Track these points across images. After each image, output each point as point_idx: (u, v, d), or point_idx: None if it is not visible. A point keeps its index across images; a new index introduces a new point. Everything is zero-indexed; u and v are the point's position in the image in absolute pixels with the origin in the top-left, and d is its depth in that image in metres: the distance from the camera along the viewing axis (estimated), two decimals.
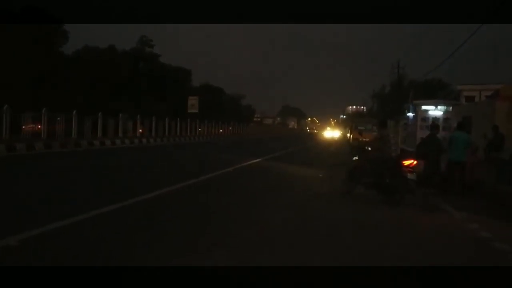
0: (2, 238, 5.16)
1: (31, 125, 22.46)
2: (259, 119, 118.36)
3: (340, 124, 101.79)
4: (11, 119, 20.91)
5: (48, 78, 28.30)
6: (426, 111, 14.44)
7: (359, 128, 32.11)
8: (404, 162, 9.58)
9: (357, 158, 10.35)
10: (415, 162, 9.63)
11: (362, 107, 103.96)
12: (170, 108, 46.29)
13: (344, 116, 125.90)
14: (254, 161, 18.21)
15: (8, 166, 13.96)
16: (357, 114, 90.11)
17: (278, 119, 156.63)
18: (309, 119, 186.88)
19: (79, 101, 30.04)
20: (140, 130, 35.14)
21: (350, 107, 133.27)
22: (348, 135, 43.98)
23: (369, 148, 10.42)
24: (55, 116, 24.35)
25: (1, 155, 16.45)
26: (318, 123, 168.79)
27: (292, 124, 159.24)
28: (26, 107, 22.71)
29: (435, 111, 14.39)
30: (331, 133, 69.66)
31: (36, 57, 26.69)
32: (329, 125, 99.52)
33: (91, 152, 20.62)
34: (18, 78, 25.37)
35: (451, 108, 14.58)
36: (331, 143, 45.08)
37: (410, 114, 15.71)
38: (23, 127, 21.91)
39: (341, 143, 43.30)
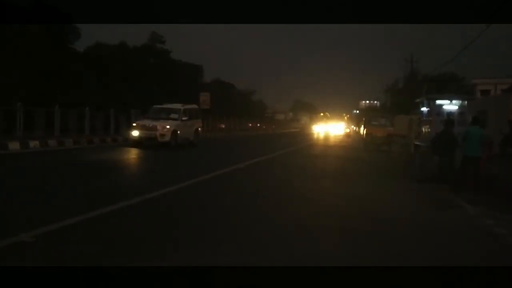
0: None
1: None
2: (270, 115, 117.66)
3: (353, 119, 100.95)
4: (25, 115, 21.16)
5: (59, 74, 28.43)
6: (441, 105, 14.13)
7: (372, 123, 31.74)
8: None
9: None
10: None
11: (375, 102, 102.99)
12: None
13: (357, 111, 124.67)
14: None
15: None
16: (370, 109, 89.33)
17: (290, 114, 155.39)
18: (321, 114, 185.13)
19: (90, 96, 30.15)
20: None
21: (363, 102, 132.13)
22: (362, 130, 43.64)
23: None
24: (67, 112, 24.58)
25: (15, 152, 16.60)
26: (329, 117, 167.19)
27: (304, 119, 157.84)
28: (38, 103, 22.89)
29: (450, 105, 14.08)
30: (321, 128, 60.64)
31: (48, 53, 26.77)
32: (342, 119, 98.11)
33: (107, 149, 20.68)
34: (29, 74, 25.49)
35: (466, 102, 14.26)
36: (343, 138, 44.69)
37: (424, 109, 15.39)
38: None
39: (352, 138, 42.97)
